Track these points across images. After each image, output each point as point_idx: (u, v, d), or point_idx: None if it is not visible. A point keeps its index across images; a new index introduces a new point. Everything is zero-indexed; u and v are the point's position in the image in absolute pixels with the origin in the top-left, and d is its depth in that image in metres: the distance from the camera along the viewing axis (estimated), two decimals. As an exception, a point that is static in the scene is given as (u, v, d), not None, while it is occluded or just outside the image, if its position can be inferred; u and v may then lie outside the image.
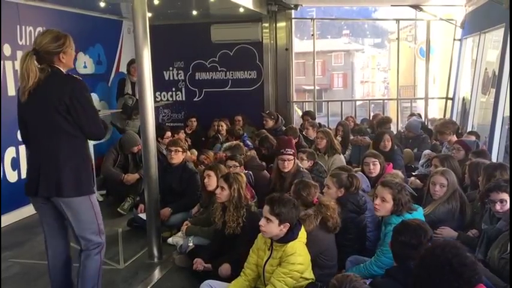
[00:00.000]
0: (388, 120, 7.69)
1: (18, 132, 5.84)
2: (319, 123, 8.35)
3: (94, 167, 3.38)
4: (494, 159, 5.59)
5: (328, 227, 3.58)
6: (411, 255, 2.81)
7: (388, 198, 3.58)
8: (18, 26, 5.90)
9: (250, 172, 5.29)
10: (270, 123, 8.14)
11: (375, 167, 4.98)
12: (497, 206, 3.51)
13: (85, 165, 3.22)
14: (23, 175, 6.04)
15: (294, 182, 4.03)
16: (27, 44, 6.05)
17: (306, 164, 5.36)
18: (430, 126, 8.44)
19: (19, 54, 5.92)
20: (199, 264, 4.02)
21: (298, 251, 3.15)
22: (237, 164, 5.17)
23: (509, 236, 2.97)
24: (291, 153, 4.96)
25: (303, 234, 3.26)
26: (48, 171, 3.12)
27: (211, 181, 4.61)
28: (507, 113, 6.01)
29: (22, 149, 6.01)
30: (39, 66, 3.08)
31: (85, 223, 3.22)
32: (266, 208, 3.20)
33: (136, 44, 4.22)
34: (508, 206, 3.49)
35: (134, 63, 5.68)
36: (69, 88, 3.07)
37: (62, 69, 3.17)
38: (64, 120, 3.08)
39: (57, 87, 3.09)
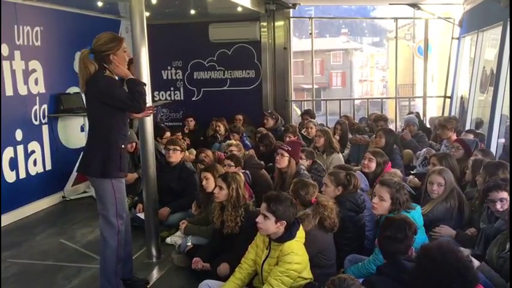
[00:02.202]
0: (380, 118, 7.68)
1: (16, 132, 5.97)
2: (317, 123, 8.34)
3: (123, 153, 3.67)
4: (492, 157, 5.59)
5: (325, 227, 3.57)
6: (399, 250, 2.89)
7: (386, 197, 3.59)
8: (15, 26, 5.88)
9: (248, 171, 5.28)
10: (271, 122, 8.16)
11: (370, 163, 5.00)
12: (498, 205, 3.49)
13: (112, 151, 3.55)
14: (21, 175, 6.04)
15: (293, 181, 4.02)
16: (25, 43, 6.05)
17: (304, 162, 5.35)
18: (428, 125, 8.45)
19: (17, 54, 5.92)
20: (198, 263, 4.02)
21: (296, 250, 3.14)
22: (232, 164, 5.16)
23: (509, 235, 2.96)
24: (286, 149, 4.96)
25: (301, 234, 3.26)
26: (85, 152, 3.70)
27: (209, 183, 4.58)
28: (505, 111, 6.02)
29: (20, 149, 6.01)
30: (93, 63, 3.49)
31: (105, 203, 3.59)
32: (263, 205, 3.22)
33: (134, 43, 4.22)
34: (507, 205, 3.48)
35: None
36: (99, 83, 3.46)
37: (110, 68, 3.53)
38: (97, 110, 3.53)
39: (94, 83, 3.47)
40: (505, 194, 3.48)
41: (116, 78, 3.62)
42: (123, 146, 3.62)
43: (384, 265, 2.98)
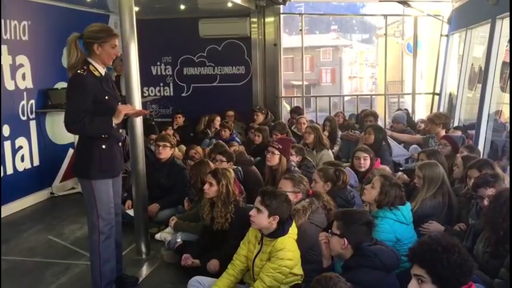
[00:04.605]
0: (369, 114, 7.71)
1: (4, 127, 5.89)
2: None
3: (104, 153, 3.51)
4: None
5: (330, 210, 3.64)
6: (366, 239, 2.94)
7: (377, 185, 3.63)
8: (2, 20, 5.79)
9: (240, 168, 5.27)
10: (261, 117, 8.17)
11: (365, 162, 5.05)
12: (486, 202, 3.54)
13: (90, 151, 3.43)
14: (9, 171, 5.98)
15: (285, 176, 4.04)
16: (12, 38, 5.97)
17: (294, 159, 5.37)
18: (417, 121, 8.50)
19: (4, 48, 5.85)
20: (187, 260, 4.01)
21: (288, 246, 3.15)
22: (224, 159, 5.15)
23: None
24: (277, 147, 4.96)
25: (293, 230, 3.26)
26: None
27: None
28: (493, 110, 6.09)
29: (7, 144, 5.94)
30: (78, 49, 3.38)
31: (87, 203, 3.53)
32: (258, 198, 3.23)
33: (124, 38, 4.18)
34: None
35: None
36: (69, 79, 3.39)
37: (93, 62, 3.39)
38: None
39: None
40: (493, 191, 3.51)
41: (99, 74, 3.42)
42: (103, 146, 3.45)
43: (352, 259, 2.93)
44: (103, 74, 3.47)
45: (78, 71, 3.34)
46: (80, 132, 3.45)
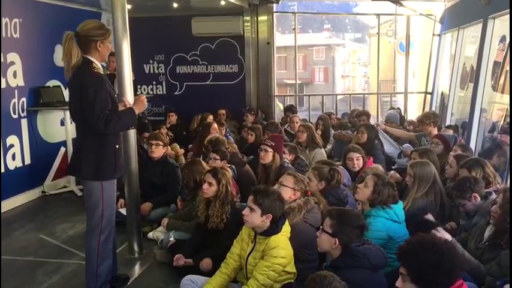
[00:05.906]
0: (362, 113, 7.74)
1: (-5, 125, 5.82)
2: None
3: (118, 153, 3.49)
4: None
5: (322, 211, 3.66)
6: (356, 239, 2.94)
7: (370, 184, 3.65)
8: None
9: (233, 166, 5.27)
10: (250, 118, 8.18)
11: (358, 162, 5.08)
12: (461, 209, 3.67)
13: (104, 151, 3.38)
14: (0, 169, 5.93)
15: (287, 172, 4.04)
16: (3, 35, 5.91)
17: (288, 157, 5.38)
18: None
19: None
20: (179, 260, 4.00)
21: (281, 244, 3.15)
22: (217, 157, 5.14)
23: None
24: (269, 144, 4.97)
25: (286, 228, 3.27)
26: (75, 153, 3.54)
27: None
28: (484, 106, 6.14)
29: (-2, 143, 5.90)
30: (78, 49, 3.31)
31: (93, 204, 3.46)
32: (250, 197, 3.23)
33: (116, 36, 4.15)
34: (470, 204, 3.61)
35: (112, 56, 5.58)
36: (83, 77, 3.28)
37: (93, 60, 3.36)
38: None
39: (80, 76, 3.28)
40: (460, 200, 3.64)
41: (103, 72, 3.45)
42: (117, 146, 3.43)
43: (340, 259, 2.94)
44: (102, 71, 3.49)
45: (94, 70, 3.31)
46: (113, 131, 3.35)
